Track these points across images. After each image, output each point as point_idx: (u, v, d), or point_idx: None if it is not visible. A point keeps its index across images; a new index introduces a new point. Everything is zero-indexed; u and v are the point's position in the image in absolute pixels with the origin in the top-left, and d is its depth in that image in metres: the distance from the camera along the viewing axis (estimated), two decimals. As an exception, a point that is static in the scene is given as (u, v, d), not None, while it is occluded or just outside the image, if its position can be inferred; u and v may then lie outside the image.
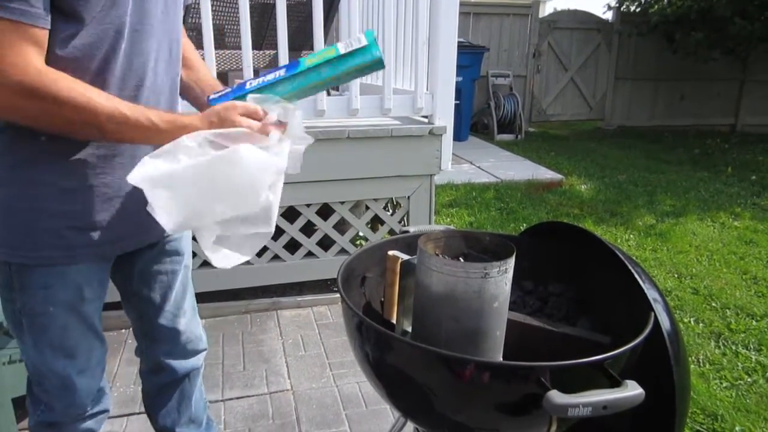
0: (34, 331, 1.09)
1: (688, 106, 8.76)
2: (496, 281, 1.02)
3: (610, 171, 5.80)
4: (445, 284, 1.02)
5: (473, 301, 1.01)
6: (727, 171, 5.89)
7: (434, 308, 1.06)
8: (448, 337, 1.04)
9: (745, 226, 4.20)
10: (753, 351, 2.55)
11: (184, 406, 1.46)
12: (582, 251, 1.34)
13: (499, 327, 1.08)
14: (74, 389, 1.16)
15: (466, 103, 7.00)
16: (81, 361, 1.15)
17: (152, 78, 1.06)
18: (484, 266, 1.01)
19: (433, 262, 1.04)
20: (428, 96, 2.78)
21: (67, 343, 1.11)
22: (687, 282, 3.25)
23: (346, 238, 2.92)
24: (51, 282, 1.05)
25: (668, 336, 1.14)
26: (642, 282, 1.18)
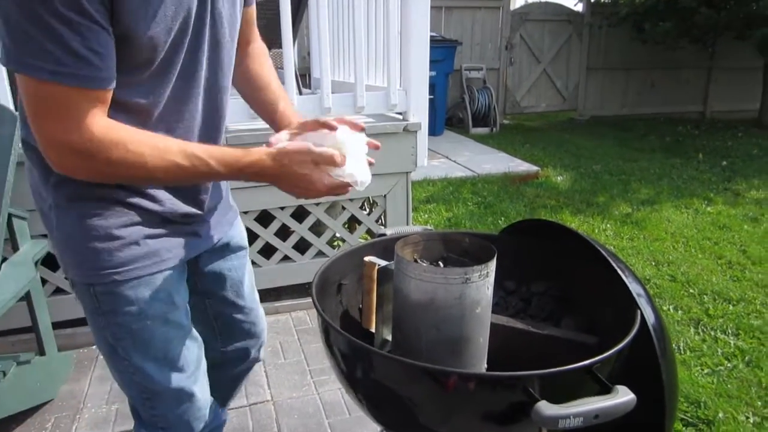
0: (136, 349, 1.03)
1: (659, 94, 8.88)
2: (478, 286, 0.98)
3: (585, 161, 5.83)
4: (424, 291, 0.98)
5: (454, 308, 0.98)
6: (698, 157, 5.97)
7: (414, 316, 1.01)
8: (429, 347, 1.00)
9: (718, 211, 4.25)
10: (731, 336, 2.57)
11: (234, 387, 1.47)
12: (563, 248, 1.32)
13: (482, 333, 1.05)
14: (193, 400, 1.11)
15: (440, 97, 6.97)
16: (191, 371, 1.10)
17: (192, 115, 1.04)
18: (465, 271, 0.97)
19: (411, 269, 1.00)
20: (402, 92, 2.73)
21: (171, 354, 1.06)
22: (665, 269, 3.27)
23: (323, 240, 2.87)
24: (141, 294, 1.00)
25: (654, 332, 1.12)
26: (625, 277, 1.15)
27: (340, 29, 3.23)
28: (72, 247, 0.98)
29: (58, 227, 0.98)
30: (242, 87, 1.25)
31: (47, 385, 2.15)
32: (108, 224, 0.96)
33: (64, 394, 2.19)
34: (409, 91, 2.73)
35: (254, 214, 2.69)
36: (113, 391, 2.16)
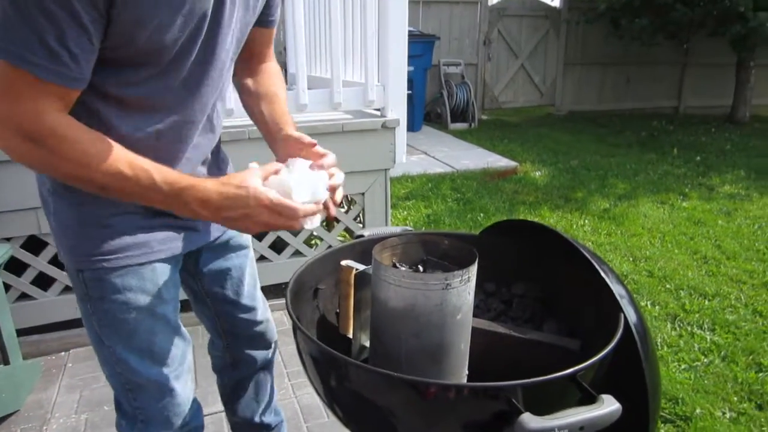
0: (120, 339, 1.03)
1: (634, 90, 8.98)
2: (459, 292, 0.95)
3: (563, 156, 5.86)
4: (403, 298, 0.95)
5: (434, 315, 0.95)
6: (673, 152, 6.05)
7: (393, 324, 0.98)
8: (409, 355, 0.97)
9: (693, 206, 4.30)
10: (707, 331, 2.60)
11: (262, 395, 1.48)
12: (544, 248, 1.30)
13: (463, 340, 1.02)
14: (173, 395, 1.10)
15: (418, 92, 6.94)
16: (174, 366, 1.10)
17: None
18: (445, 277, 0.94)
19: (390, 275, 0.96)
20: (380, 88, 2.69)
21: (156, 347, 1.06)
22: (642, 265, 3.29)
23: (300, 239, 2.82)
24: (129, 284, 1.00)
25: (637, 333, 1.10)
26: (607, 278, 1.13)
27: (317, 23, 3.17)
28: (65, 233, 0.99)
29: (54, 212, 1.00)
30: (249, 100, 1.21)
31: (12, 396, 2.07)
32: (101, 212, 0.97)
33: (31, 405, 2.11)
34: (387, 86, 2.69)
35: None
36: (83, 400, 2.09)
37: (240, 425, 1.54)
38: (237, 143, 2.45)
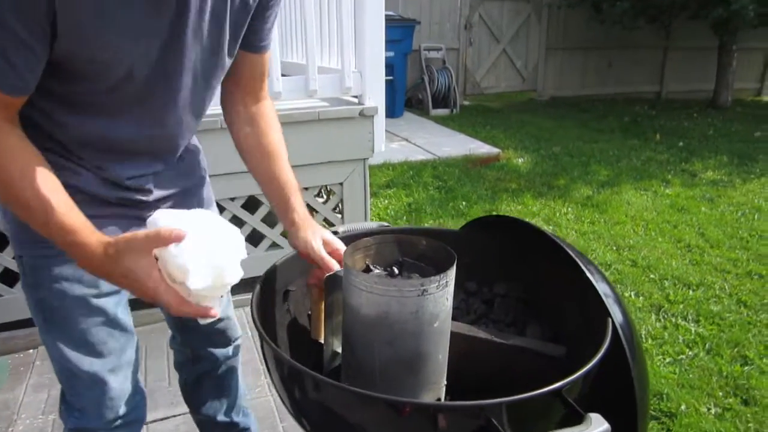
0: (55, 327, 1.04)
1: (617, 74, 8.94)
2: (436, 298, 0.88)
3: (545, 143, 5.80)
4: (376, 305, 0.87)
5: (410, 323, 0.87)
6: (655, 138, 6.02)
7: (365, 332, 0.90)
8: (384, 365, 0.90)
9: (677, 193, 4.27)
10: (692, 322, 2.56)
11: (225, 393, 1.45)
12: (527, 245, 1.23)
13: (441, 349, 0.94)
14: (106, 388, 1.08)
15: (399, 78, 6.82)
16: (110, 359, 1.08)
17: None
18: (421, 282, 0.86)
19: (361, 281, 0.88)
20: (357, 75, 2.59)
21: (91, 339, 1.05)
22: (625, 254, 3.25)
23: (277, 231, 2.72)
24: (65, 273, 0.99)
25: (623, 333, 1.03)
26: (591, 276, 1.06)
27: (289, 5, 3.04)
28: (9, 218, 1.00)
29: None
30: (248, 155, 1.14)
31: (-25, 397, 1.98)
32: None
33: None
34: (365, 73, 2.59)
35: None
36: (50, 400, 2.02)
37: (203, 423, 1.51)
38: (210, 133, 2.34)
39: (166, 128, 1.01)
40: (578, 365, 1.04)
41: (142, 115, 0.96)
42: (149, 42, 0.85)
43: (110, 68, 0.85)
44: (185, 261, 0.74)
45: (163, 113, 0.97)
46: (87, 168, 0.97)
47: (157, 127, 0.99)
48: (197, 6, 0.87)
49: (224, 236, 0.80)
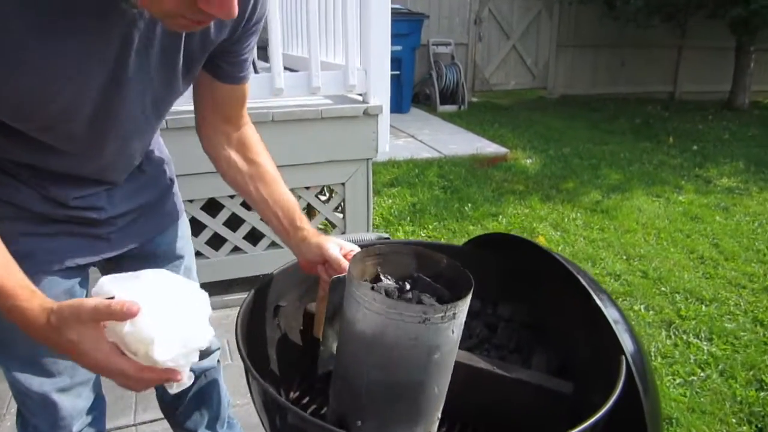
0: (3, 346, 0.99)
1: (629, 74, 8.76)
2: (439, 329, 0.78)
3: (555, 143, 5.67)
4: (373, 324, 0.78)
5: (407, 350, 0.78)
6: (668, 141, 5.88)
7: (358, 350, 0.82)
8: (371, 389, 0.81)
9: (690, 200, 4.14)
10: (704, 341, 2.45)
11: (206, 407, 1.40)
12: (532, 265, 1.14)
13: (438, 382, 0.85)
14: (56, 408, 1.05)
15: (406, 73, 6.70)
16: (61, 378, 1.04)
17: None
18: (424, 310, 0.76)
19: (361, 294, 0.79)
20: (361, 72, 2.47)
21: (39, 359, 1.01)
22: (636, 264, 3.14)
23: (275, 231, 2.63)
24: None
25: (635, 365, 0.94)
26: (600, 302, 0.98)
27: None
28: None
29: None
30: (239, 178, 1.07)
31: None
32: None
33: None
34: (369, 70, 2.47)
35: (200, 203, 2.44)
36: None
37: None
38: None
39: (112, 159, 0.93)
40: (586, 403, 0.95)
41: (85, 150, 0.88)
42: (86, 83, 0.77)
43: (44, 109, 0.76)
44: (147, 332, 0.65)
45: (109, 146, 0.89)
46: (28, 185, 0.88)
47: (103, 159, 0.91)
48: (142, 43, 0.78)
49: (184, 296, 0.70)
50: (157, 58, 0.82)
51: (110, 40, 0.74)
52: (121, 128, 0.87)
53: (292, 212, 1.05)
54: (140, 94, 0.85)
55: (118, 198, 1.01)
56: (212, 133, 1.06)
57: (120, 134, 0.88)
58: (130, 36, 0.76)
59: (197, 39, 0.86)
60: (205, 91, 1.01)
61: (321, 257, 0.99)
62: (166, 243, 1.16)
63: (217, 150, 1.07)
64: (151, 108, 0.90)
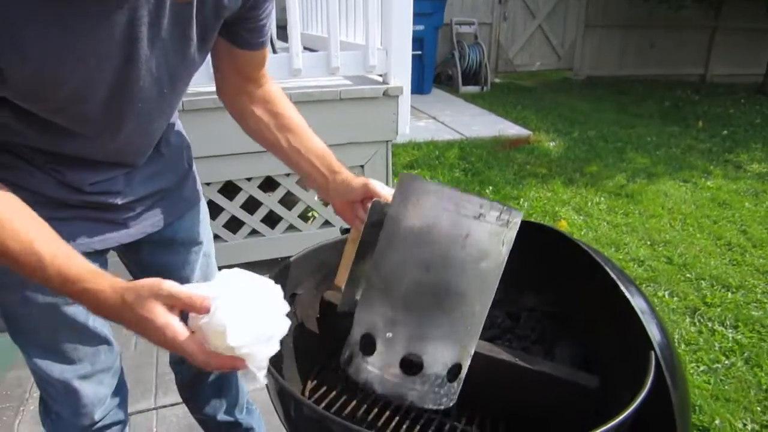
0: (23, 333, 1.00)
1: (658, 55, 8.52)
2: (492, 232, 0.76)
3: (579, 126, 5.56)
4: (424, 216, 0.75)
5: (455, 248, 0.75)
6: (697, 125, 5.72)
7: (402, 248, 0.78)
8: (411, 291, 0.77)
9: (718, 186, 4.04)
10: (730, 328, 2.40)
11: (225, 392, 1.40)
12: (555, 254, 1.11)
13: (481, 299, 0.81)
14: (77, 396, 1.05)
15: (428, 53, 6.61)
16: (82, 365, 1.04)
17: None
18: (481, 204, 0.74)
19: (416, 186, 0.77)
20: (382, 52, 2.44)
21: (60, 346, 1.01)
22: (660, 250, 3.07)
23: (295, 213, 2.63)
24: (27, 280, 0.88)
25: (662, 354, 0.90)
26: (627, 291, 0.95)
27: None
28: None
29: None
30: (270, 137, 1.06)
31: (-10, 371, 1.98)
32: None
33: (10, 381, 2.02)
34: (390, 50, 2.43)
35: (218, 186, 2.44)
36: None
37: (205, 423, 1.46)
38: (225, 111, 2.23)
39: (130, 140, 0.92)
40: (611, 398, 0.93)
41: (102, 131, 0.86)
42: (98, 63, 0.75)
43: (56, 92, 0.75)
44: (221, 320, 0.68)
45: (126, 127, 0.88)
46: (42, 170, 0.87)
47: (121, 140, 0.90)
48: (152, 17, 0.76)
49: (259, 290, 0.72)
50: (170, 31, 0.80)
51: (117, 17, 0.73)
52: (138, 107, 0.86)
53: (328, 158, 1.03)
54: (155, 71, 0.83)
55: (136, 182, 0.99)
56: (235, 95, 1.06)
57: (137, 113, 0.87)
58: (139, 11, 0.74)
59: (210, 6, 0.84)
60: (224, 57, 1.00)
61: (364, 195, 0.97)
62: (185, 229, 1.15)
63: (241, 109, 1.06)
64: (168, 84, 0.88)
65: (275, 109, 1.05)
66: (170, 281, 0.70)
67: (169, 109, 0.96)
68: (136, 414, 1.89)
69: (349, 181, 1.00)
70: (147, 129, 0.94)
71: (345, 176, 1.02)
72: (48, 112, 0.79)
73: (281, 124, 1.04)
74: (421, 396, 0.77)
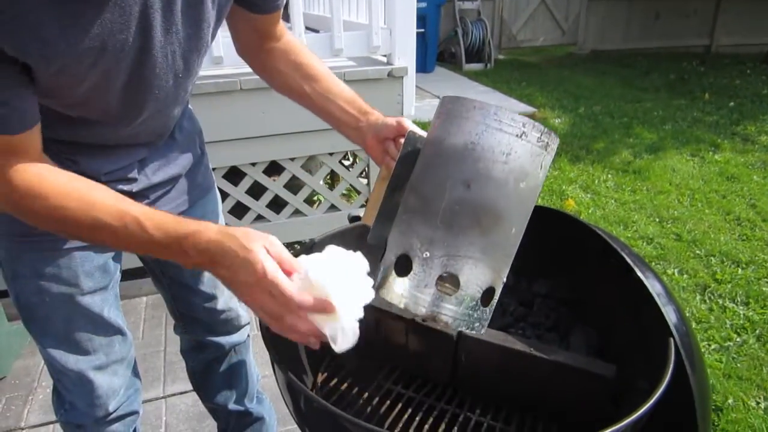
0: (37, 324, 1.00)
1: (663, 27, 8.39)
2: (533, 152, 0.75)
3: (585, 101, 5.50)
4: (467, 133, 0.75)
5: (497, 166, 0.74)
6: (704, 97, 5.65)
7: (442, 166, 0.78)
8: (450, 207, 0.76)
9: (726, 159, 3.99)
10: (741, 305, 2.38)
11: (235, 381, 1.40)
12: (568, 239, 1.09)
13: (517, 222, 0.80)
14: (93, 386, 1.06)
15: (431, 30, 6.53)
16: (97, 356, 1.05)
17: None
18: (523, 123, 0.74)
19: (459, 105, 0.76)
20: (386, 31, 2.40)
21: (74, 337, 1.01)
22: (669, 227, 3.05)
23: (300, 197, 2.61)
24: (41, 269, 0.94)
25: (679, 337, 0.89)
26: (643, 275, 0.93)
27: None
28: None
29: None
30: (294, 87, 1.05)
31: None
32: None
33: (18, 370, 2.04)
34: (394, 29, 2.39)
35: (222, 171, 2.43)
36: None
37: (215, 412, 1.46)
38: (229, 95, 2.20)
39: (147, 125, 0.92)
40: (629, 387, 0.92)
41: (120, 119, 0.86)
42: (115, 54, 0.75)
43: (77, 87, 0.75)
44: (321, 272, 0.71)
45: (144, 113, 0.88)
46: (58, 159, 0.85)
47: (139, 125, 0.89)
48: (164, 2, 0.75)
49: (351, 259, 0.75)
50: (183, 15, 0.79)
51: (131, 7, 0.72)
52: (155, 94, 0.86)
53: (357, 101, 1.02)
54: (170, 57, 0.83)
55: (151, 170, 0.99)
56: (255, 52, 1.05)
57: (154, 100, 0.87)
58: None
59: None
60: (239, 20, 1.00)
61: (397, 132, 0.96)
62: (198, 216, 1.14)
63: (263, 65, 1.06)
64: (183, 69, 0.88)
65: (297, 60, 1.04)
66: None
67: (184, 93, 0.96)
68: (144, 403, 1.90)
69: (382, 119, 0.99)
70: (164, 113, 0.94)
71: (377, 116, 1.01)
72: (65, 106, 0.79)
73: (305, 74, 1.03)
74: (455, 317, 0.76)
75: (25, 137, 0.72)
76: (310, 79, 1.03)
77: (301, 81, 1.03)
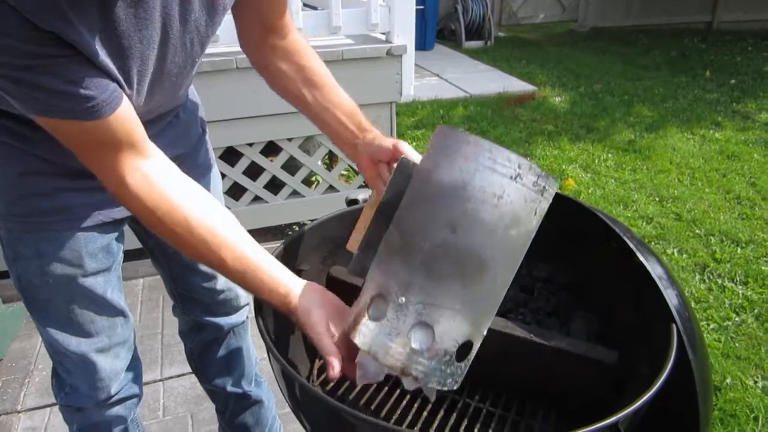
0: (38, 306, 1.00)
1: (664, 3, 8.25)
2: (526, 197, 0.70)
3: (585, 79, 5.44)
4: (458, 170, 0.69)
5: (486, 209, 0.69)
6: (705, 74, 5.59)
7: (428, 204, 0.72)
8: (432, 251, 0.71)
9: (727, 138, 3.96)
10: (740, 285, 2.39)
11: (234, 363, 1.39)
12: (569, 222, 1.07)
13: (503, 273, 0.75)
14: (95, 369, 1.05)
15: (430, 7, 6.42)
16: (99, 338, 1.04)
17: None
18: (519, 164, 0.68)
19: (454, 138, 0.71)
20: (384, 9, 2.35)
21: (77, 319, 1.01)
22: (669, 206, 3.04)
23: (298, 178, 2.60)
24: (44, 250, 0.94)
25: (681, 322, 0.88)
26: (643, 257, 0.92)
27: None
28: None
29: None
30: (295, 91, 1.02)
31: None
32: (9, 169, 0.90)
33: (14, 353, 2.03)
34: (393, 6, 2.35)
35: (219, 152, 2.40)
36: (68, 352, 1.98)
37: (214, 393, 1.46)
38: (225, 73, 2.16)
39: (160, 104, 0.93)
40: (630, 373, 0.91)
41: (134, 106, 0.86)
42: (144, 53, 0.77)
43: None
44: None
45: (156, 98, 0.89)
46: None
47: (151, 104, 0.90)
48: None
49: None
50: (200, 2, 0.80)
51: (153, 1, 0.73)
52: (172, 81, 0.87)
53: (357, 115, 0.99)
54: (189, 45, 0.83)
55: None
56: (258, 48, 1.02)
57: (169, 86, 0.88)
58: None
59: None
60: (245, 8, 0.97)
61: (392, 156, 0.93)
62: None
63: (265, 63, 1.02)
64: (199, 51, 0.88)
65: (301, 62, 1.00)
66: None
67: (194, 72, 0.96)
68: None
69: (379, 140, 0.96)
70: (175, 95, 0.95)
71: (375, 135, 0.98)
72: None
73: (307, 78, 1.00)
74: (426, 372, 0.72)
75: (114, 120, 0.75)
76: (311, 86, 1.00)
77: (302, 86, 1.00)
